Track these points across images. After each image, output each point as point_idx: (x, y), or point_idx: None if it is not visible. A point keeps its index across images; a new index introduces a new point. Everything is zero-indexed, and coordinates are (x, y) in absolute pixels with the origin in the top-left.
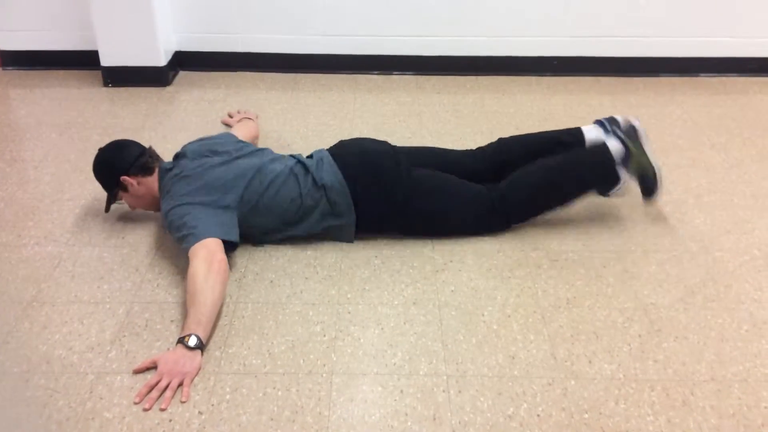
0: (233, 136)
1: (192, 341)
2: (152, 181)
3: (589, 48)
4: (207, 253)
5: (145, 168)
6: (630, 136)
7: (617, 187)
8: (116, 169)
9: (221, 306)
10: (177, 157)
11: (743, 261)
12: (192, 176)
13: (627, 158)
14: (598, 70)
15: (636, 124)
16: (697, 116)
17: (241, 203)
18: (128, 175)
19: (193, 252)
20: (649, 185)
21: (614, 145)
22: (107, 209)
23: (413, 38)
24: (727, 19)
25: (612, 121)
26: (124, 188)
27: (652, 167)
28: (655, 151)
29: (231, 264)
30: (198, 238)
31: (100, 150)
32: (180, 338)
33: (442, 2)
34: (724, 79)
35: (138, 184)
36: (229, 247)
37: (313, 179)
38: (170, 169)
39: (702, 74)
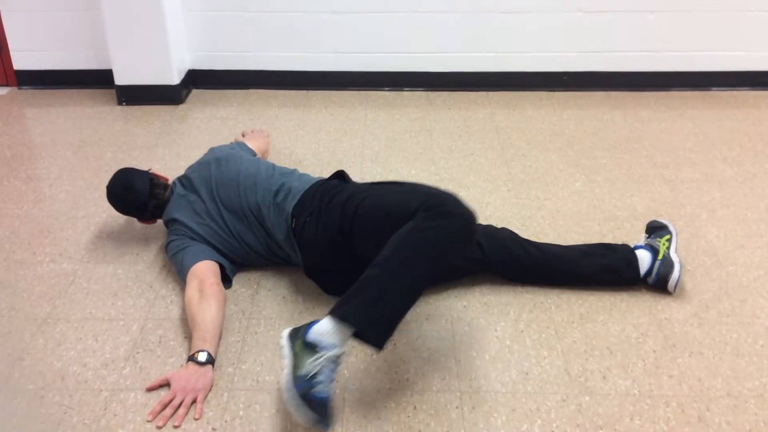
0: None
1: (201, 356)
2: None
3: (600, 63)
4: (198, 282)
5: (155, 211)
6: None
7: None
8: (131, 214)
9: (222, 321)
10: (182, 182)
11: (757, 275)
12: (185, 207)
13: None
14: (609, 85)
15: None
16: (708, 130)
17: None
18: (142, 221)
19: (187, 282)
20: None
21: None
22: None
23: (424, 55)
24: (739, 33)
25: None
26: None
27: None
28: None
29: (244, 281)
30: (188, 267)
31: (109, 189)
32: (190, 356)
33: (453, 18)
34: (735, 92)
35: (151, 223)
36: (225, 272)
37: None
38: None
39: (713, 88)
